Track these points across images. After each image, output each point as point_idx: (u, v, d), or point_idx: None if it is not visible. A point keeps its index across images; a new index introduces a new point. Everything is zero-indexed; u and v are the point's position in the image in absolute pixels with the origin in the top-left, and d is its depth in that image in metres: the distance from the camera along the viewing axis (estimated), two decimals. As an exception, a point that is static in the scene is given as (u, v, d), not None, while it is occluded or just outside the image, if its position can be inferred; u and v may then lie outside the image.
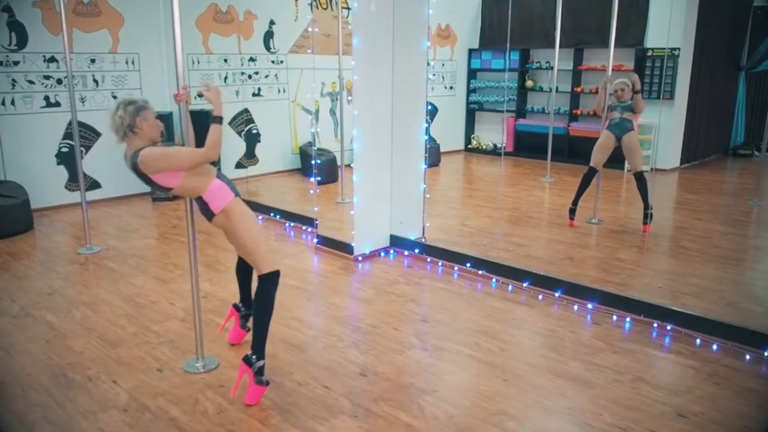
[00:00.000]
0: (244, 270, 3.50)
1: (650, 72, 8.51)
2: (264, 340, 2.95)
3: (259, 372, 2.91)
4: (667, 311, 3.74)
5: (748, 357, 3.38)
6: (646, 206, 5.48)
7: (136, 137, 2.87)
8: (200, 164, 2.89)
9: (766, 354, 3.37)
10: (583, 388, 3.07)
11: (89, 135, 6.68)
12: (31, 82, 6.20)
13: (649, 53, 8.47)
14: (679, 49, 8.14)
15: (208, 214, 3.00)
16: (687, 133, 8.64)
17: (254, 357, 2.91)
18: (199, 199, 2.99)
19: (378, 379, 3.15)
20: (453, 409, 2.89)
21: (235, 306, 3.55)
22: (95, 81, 6.66)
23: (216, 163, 3.10)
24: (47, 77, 6.30)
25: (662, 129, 8.27)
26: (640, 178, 5.47)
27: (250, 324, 3.34)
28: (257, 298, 3.02)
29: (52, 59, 6.30)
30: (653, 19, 8.46)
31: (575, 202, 5.87)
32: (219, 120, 2.87)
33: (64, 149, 6.50)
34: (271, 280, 3.01)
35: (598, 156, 5.72)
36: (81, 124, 6.36)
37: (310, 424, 2.77)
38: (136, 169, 2.86)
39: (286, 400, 2.95)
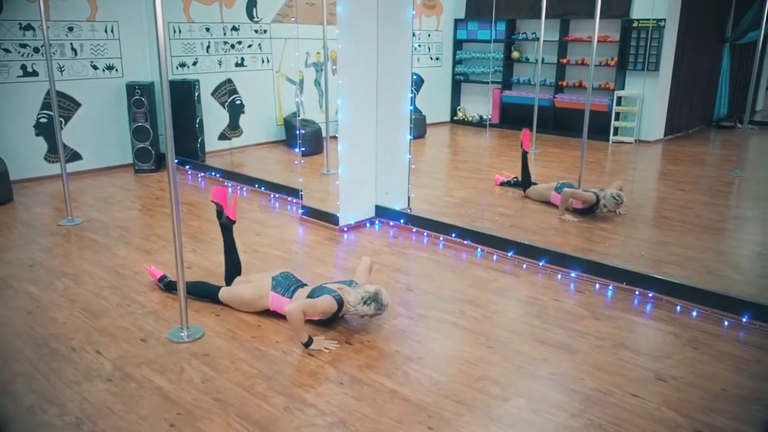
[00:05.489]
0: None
1: (635, 43, 8.49)
2: None
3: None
4: (649, 279, 3.79)
5: (726, 323, 3.45)
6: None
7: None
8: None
9: (744, 320, 3.43)
10: (566, 354, 3.12)
11: (68, 105, 6.56)
12: (6, 50, 6.04)
13: (635, 24, 8.44)
14: (665, 20, 8.12)
15: None
16: (671, 104, 8.68)
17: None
18: None
19: (363, 347, 3.17)
20: (437, 375, 2.92)
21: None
22: (73, 50, 6.50)
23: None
24: (23, 45, 6.14)
25: (647, 101, 8.30)
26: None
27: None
28: None
29: (29, 27, 6.13)
30: (639, -11, 8.42)
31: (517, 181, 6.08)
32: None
33: (43, 120, 6.37)
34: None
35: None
36: (60, 94, 6.22)
37: (296, 391, 2.78)
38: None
39: (272, 368, 2.96)
